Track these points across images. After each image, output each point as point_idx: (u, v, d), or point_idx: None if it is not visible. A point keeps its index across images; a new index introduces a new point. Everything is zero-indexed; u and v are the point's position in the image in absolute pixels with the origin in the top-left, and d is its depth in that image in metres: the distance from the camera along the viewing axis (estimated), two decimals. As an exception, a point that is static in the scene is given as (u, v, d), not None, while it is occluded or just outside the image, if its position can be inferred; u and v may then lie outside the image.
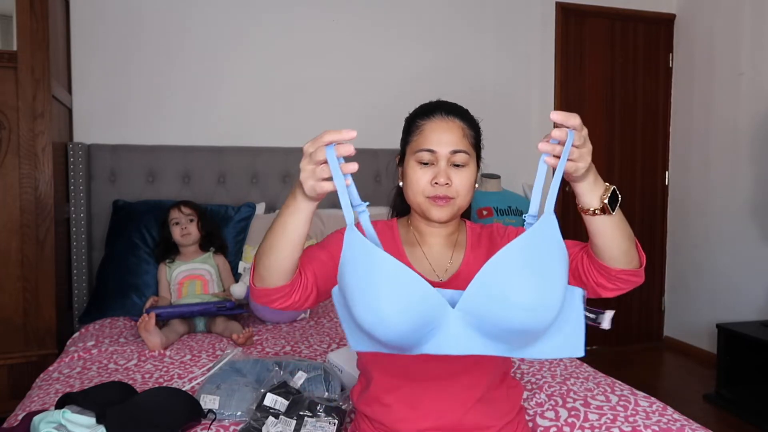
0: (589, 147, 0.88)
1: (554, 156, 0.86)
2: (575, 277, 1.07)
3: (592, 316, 1.39)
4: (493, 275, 0.85)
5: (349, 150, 0.87)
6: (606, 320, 1.38)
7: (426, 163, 1.13)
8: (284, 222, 0.97)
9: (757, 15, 3.29)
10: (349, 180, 0.88)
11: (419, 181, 1.13)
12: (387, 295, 0.85)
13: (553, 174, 0.88)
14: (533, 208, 0.92)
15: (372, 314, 0.87)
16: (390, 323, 0.86)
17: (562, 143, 0.85)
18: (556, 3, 3.59)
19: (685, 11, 3.79)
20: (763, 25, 3.25)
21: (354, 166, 0.88)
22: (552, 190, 0.87)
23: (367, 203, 0.95)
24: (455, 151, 1.13)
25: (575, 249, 1.08)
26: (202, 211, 2.53)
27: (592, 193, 0.93)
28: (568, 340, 0.90)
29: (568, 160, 0.86)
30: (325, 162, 0.87)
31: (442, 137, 1.13)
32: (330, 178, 0.88)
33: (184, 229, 2.41)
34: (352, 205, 0.91)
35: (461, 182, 1.13)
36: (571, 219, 3.70)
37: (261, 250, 1.01)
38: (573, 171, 0.88)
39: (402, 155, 1.21)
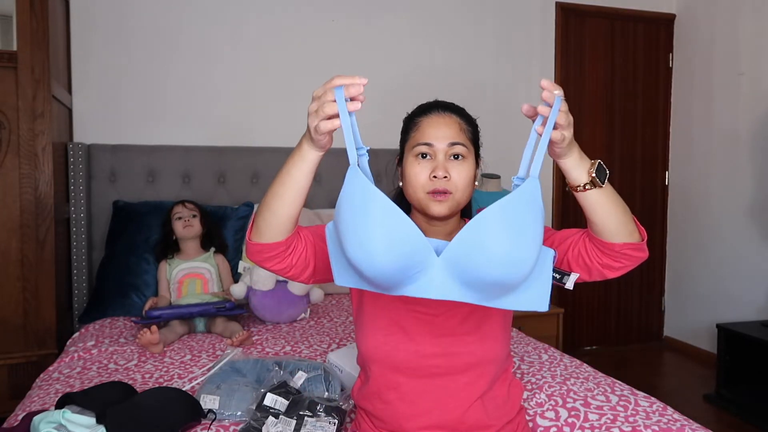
0: (570, 119, 0.93)
1: (542, 125, 0.92)
2: (579, 262, 1.08)
3: (557, 276, 1.44)
4: (476, 230, 0.90)
5: (358, 90, 0.90)
6: (570, 281, 1.44)
7: (425, 157, 1.14)
8: (288, 170, 1.00)
9: (757, 15, 3.29)
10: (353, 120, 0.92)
11: (418, 177, 1.13)
12: (379, 232, 0.89)
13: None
14: (522, 171, 0.98)
15: (362, 249, 0.90)
16: (377, 260, 0.90)
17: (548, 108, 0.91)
18: (556, 3, 3.59)
19: (685, 11, 3.79)
20: (763, 25, 3.25)
21: (358, 105, 0.91)
22: (538, 154, 0.93)
23: (368, 147, 0.98)
24: (453, 143, 1.13)
25: (576, 235, 1.10)
26: (204, 209, 2.56)
27: (579, 168, 0.98)
28: (536, 295, 0.97)
29: (554, 128, 0.91)
30: (333, 101, 0.90)
31: (439, 131, 1.14)
32: (336, 116, 0.91)
33: (187, 221, 2.42)
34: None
35: (459, 176, 1.13)
36: (571, 218, 3.70)
37: (263, 201, 1.04)
38: (560, 140, 0.92)
39: (401, 155, 1.22)
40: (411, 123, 1.19)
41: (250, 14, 3.07)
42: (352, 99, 0.91)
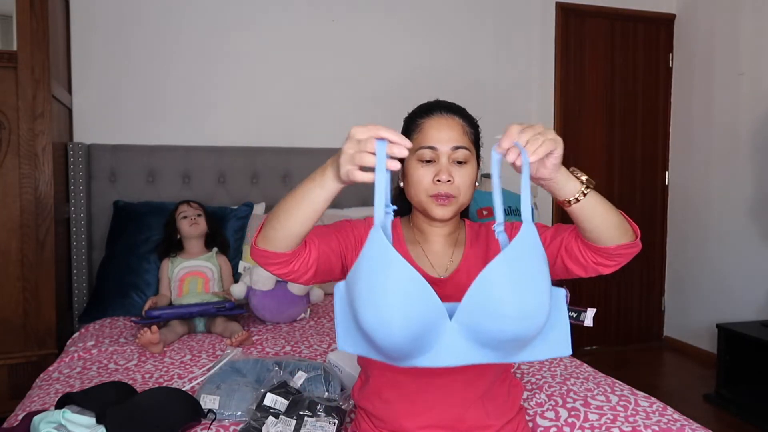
0: (553, 146, 0.91)
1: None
2: (574, 260, 1.08)
3: (574, 315, 1.48)
4: (484, 289, 0.88)
5: (403, 152, 0.87)
6: (588, 318, 1.47)
7: (428, 161, 1.13)
8: (305, 193, 0.97)
9: (757, 15, 3.29)
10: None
11: (421, 180, 1.13)
12: (397, 299, 0.86)
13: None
14: (498, 217, 0.96)
15: (376, 315, 0.87)
16: (394, 327, 0.86)
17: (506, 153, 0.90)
18: (556, 3, 3.59)
19: (685, 11, 3.79)
20: (763, 25, 3.25)
21: (397, 164, 0.87)
22: (524, 200, 0.91)
23: (395, 207, 0.95)
24: (457, 147, 1.13)
25: (565, 233, 1.10)
26: (206, 209, 2.58)
27: (569, 181, 0.97)
28: (557, 341, 0.95)
29: (545, 157, 0.91)
30: (371, 153, 0.87)
31: (443, 134, 1.14)
32: (368, 169, 0.88)
33: (193, 220, 2.44)
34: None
35: (462, 180, 1.13)
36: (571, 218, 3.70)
37: (274, 213, 1.01)
38: (554, 172, 0.93)
39: None
40: (413, 123, 1.19)
41: (251, 14, 3.07)
42: (391, 157, 0.87)
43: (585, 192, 0.97)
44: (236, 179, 2.95)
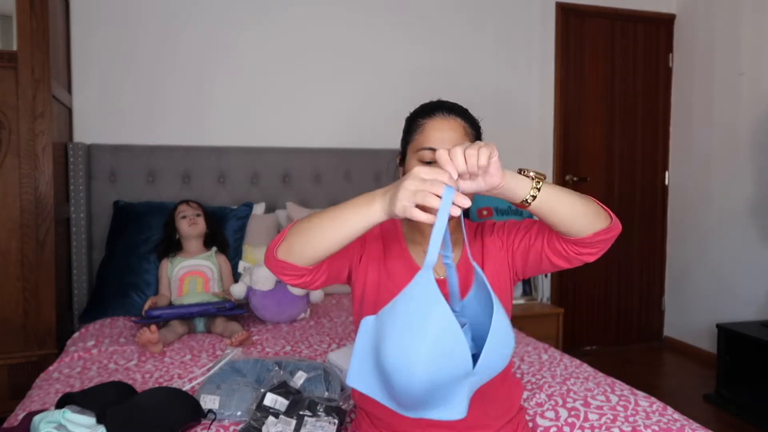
0: (479, 144, 0.90)
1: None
2: (556, 253, 1.09)
3: None
4: (500, 342, 0.88)
5: (466, 204, 0.86)
6: None
7: (429, 162, 1.13)
8: (346, 219, 0.95)
9: (757, 15, 3.29)
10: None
11: None
12: (430, 343, 0.82)
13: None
14: (446, 250, 0.97)
15: (404, 354, 0.83)
16: (416, 371, 0.82)
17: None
18: (556, 3, 3.59)
19: (685, 11, 3.79)
20: (763, 25, 3.25)
21: (458, 211, 0.86)
22: (437, 246, 0.86)
23: (456, 262, 0.94)
24: None
25: (546, 229, 1.10)
26: (206, 209, 2.58)
27: (518, 183, 0.96)
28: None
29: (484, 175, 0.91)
30: (436, 195, 0.85)
31: (444, 135, 1.13)
32: (431, 210, 0.86)
33: (192, 219, 2.44)
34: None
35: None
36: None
37: (304, 227, 0.99)
38: (498, 184, 0.93)
39: (403, 155, 1.22)
40: (414, 124, 1.19)
41: (251, 14, 3.07)
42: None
43: (538, 187, 0.96)
44: (236, 179, 2.95)
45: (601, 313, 3.84)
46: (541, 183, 0.96)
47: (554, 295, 3.63)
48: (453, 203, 0.85)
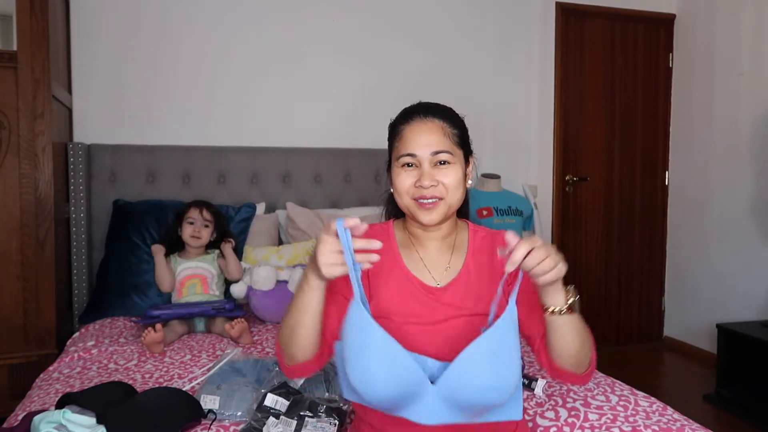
0: (554, 262, 0.94)
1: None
2: (531, 342, 1.14)
3: (526, 382, 1.63)
4: (467, 365, 0.96)
5: (360, 229, 0.96)
6: (539, 387, 1.62)
7: (410, 166, 1.14)
8: (300, 304, 1.04)
9: (757, 15, 3.29)
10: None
11: (403, 184, 1.14)
12: (376, 366, 0.96)
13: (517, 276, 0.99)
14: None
15: (361, 378, 0.97)
16: (376, 389, 0.97)
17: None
18: (556, 3, 3.59)
19: (685, 11, 3.79)
20: (763, 25, 3.25)
21: (368, 264, 0.98)
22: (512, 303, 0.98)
23: (360, 266, 0.99)
24: (436, 152, 1.13)
25: (540, 334, 1.11)
26: (220, 217, 2.52)
27: (559, 292, 1.00)
28: (512, 405, 1.04)
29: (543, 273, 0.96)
30: (339, 251, 0.95)
31: (422, 139, 1.13)
32: (340, 264, 0.96)
33: (197, 231, 2.40)
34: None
35: (448, 180, 1.12)
36: (571, 217, 3.70)
37: (285, 333, 1.07)
38: (553, 279, 0.96)
39: (389, 161, 1.21)
40: (394, 131, 1.19)
41: (251, 14, 3.07)
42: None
43: (562, 311, 1.00)
44: (236, 179, 2.95)
45: (601, 313, 3.84)
46: (564, 313, 1.00)
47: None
48: (345, 227, 0.94)
